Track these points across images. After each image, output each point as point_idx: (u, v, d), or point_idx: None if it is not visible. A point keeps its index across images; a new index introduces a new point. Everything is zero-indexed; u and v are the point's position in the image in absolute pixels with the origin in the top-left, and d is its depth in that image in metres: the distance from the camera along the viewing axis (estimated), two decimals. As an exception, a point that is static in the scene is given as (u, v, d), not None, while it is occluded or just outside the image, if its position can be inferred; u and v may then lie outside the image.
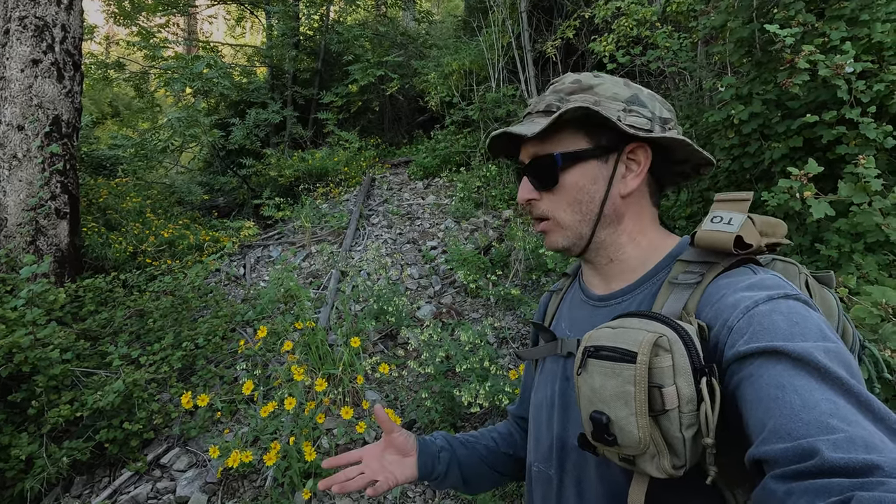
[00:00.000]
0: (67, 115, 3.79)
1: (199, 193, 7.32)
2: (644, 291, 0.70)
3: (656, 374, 0.53)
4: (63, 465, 2.25)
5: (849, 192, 1.54)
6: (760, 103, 2.23)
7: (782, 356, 0.49)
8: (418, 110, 9.03)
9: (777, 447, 0.45)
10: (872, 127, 1.78)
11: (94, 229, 4.35)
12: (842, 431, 0.43)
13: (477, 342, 2.65)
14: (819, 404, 0.45)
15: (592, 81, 0.71)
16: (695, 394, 0.52)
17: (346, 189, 6.54)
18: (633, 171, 0.71)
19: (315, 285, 4.15)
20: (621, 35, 3.89)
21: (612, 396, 0.55)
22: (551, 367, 0.80)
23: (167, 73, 6.68)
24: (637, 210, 0.73)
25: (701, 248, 0.64)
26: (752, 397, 0.49)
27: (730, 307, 0.57)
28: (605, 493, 0.67)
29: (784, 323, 0.52)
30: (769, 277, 0.60)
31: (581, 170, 0.71)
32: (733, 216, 0.62)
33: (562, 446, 0.74)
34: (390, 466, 0.86)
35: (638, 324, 0.58)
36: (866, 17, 1.89)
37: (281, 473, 2.21)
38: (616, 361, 0.56)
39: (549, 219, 0.74)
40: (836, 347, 0.50)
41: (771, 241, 0.65)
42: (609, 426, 0.55)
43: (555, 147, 0.72)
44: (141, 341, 3.09)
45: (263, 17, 9.15)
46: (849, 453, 0.41)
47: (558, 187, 0.72)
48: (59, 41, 3.76)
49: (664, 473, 0.54)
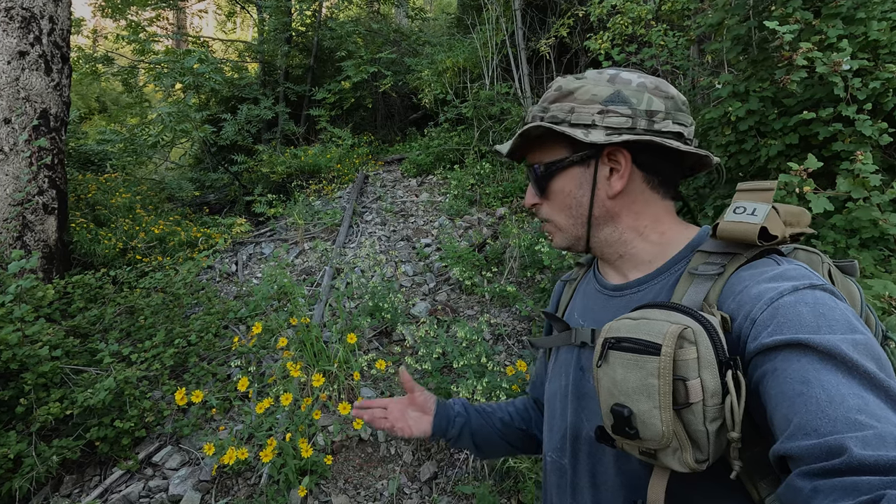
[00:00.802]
0: (55, 108, 3.71)
1: (189, 190, 7.22)
2: (662, 282, 0.69)
3: (681, 366, 0.52)
4: (52, 463, 2.20)
5: (848, 186, 1.55)
6: (757, 100, 2.25)
7: (808, 349, 0.48)
8: (411, 107, 9.00)
9: (803, 444, 0.44)
10: (868, 124, 1.80)
11: (82, 225, 4.27)
12: (871, 428, 0.41)
13: (474, 338, 2.65)
14: (846, 399, 0.44)
15: (573, 86, 0.71)
16: (720, 387, 0.51)
17: (339, 186, 6.50)
18: (618, 172, 0.70)
19: (309, 282, 4.12)
20: (616, 33, 3.90)
21: (634, 389, 0.54)
22: (565, 356, 0.79)
23: (157, 67, 6.58)
24: (635, 208, 0.72)
25: (723, 239, 0.63)
26: (777, 392, 0.48)
27: (753, 299, 0.55)
28: (622, 485, 0.66)
29: (810, 314, 0.51)
30: (794, 268, 0.58)
31: (566, 177, 0.73)
32: (757, 206, 0.60)
33: (575, 436, 0.73)
34: (410, 420, 0.95)
35: (661, 315, 0.56)
36: (862, 15, 1.91)
37: (276, 471, 2.19)
38: (639, 353, 0.54)
39: (550, 222, 0.78)
40: (865, 339, 0.48)
41: (796, 231, 0.63)
42: (631, 419, 0.54)
43: (541, 157, 0.76)
44: (132, 338, 3.04)
45: (255, 12, 9.06)
46: (878, 451, 0.40)
47: (550, 194, 0.76)
48: (46, 33, 3.68)
49: (686, 468, 0.53)
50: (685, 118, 0.70)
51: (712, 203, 2.53)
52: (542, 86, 6.61)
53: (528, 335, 3.29)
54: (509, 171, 5.86)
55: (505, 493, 2.23)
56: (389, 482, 2.36)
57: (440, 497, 2.29)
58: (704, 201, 2.64)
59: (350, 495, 2.32)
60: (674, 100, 0.70)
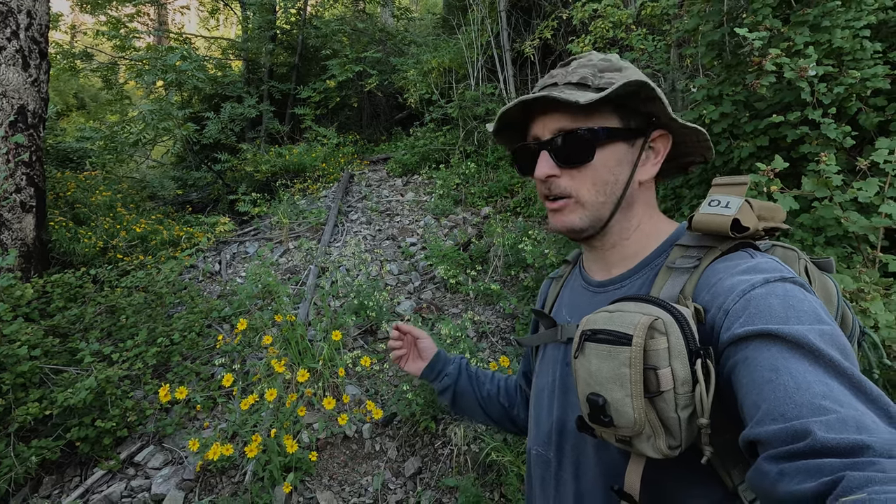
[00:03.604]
0: (33, 104, 3.65)
1: (172, 188, 7.13)
2: (642, 277, 0.71)
3: (651, 356, 0.54)
4: (31, 464, 2.18)
5: (812, 186, 1.63)
6: (730, 104, 2.33)
7: (777, 339, 0.50)
8: (397, 107, 9.00)
9: (770, 428, 0.45)
10: (833, 127, 1.88)
11: (61, 223, 4.20)
12: (834, 412, 0.43)
13: (458, 335, 2.68)
14: (812, 386, 0.46)
15: (621, 64, 0.71)
16: (690, 375, 0.53)
17: (324, 185, 6.48)
18: (652, 159, 0.72)
19: (293, 281, 4.11)
20: (598, 36, 3.98)
21: (607, 378, 0.56)
22: (552, 353, 0.81)
23: (138, 64, 6.49)
24: (647, 198, 0.74)
25: (698, 231, 0.65)
26: (747, 380, 0.50)
27: (726, 290, 0.57)
28: (602, 474, 0.68)
29: (779, 306, 0.53)
30: (766, 261, 0.60)
31: (612, 150, 0.69)
32: (731, 200, 0.62)
33: (561, 429, 0.75)
34: (410, 357, 1.12)
35: (634, 307, 0.58)
36: (828, 23, 1.99)
37: (261, 468, 2.19)
38: (612, 344, 0.56)
39: (570, 196, 0.71)
40: (831, 330, 0.51)
41: (769, 226, 0.65)
42: (605, 407, 0.56)
43: (591, 122, 0.68)
44: (113, 338, 3.00)
45: (238, 9, 8.97)
46: (840, 434, 0.41)
47: (588, 165, 0.69)
48: (24, 28, 3.62)
49: (660, 453, 0.55)
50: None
51: (688, 203, 2.61)
52: (526, 87, 6.67)
53: (511, 333, 3.34)
54: (494, 171, 5.92)
55: (488, 486, 2.27)
56: (374, 478, 2.39)
57: (424, 491, 2.32)
58: (682, 201, 2.72)
59: (335, 491, 2.34)
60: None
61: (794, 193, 1.67)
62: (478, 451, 2.39)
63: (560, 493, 0.74)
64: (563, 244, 3.56)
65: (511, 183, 5.42)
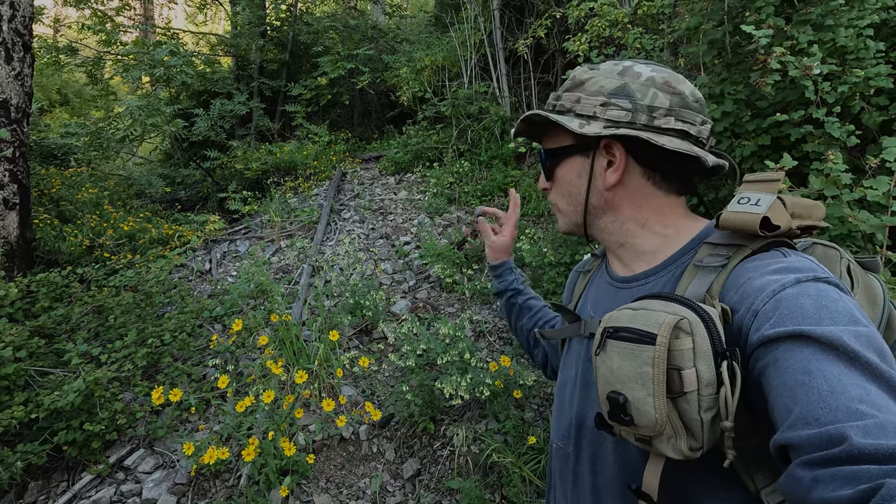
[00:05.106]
0: (17, 99, 3.54)
1: (160, 186, 6.99)
2: (668, 274, 0.69)
3: (676, 356, 0.53)
4: (17, 469, 2.10)
5: (820, 185, 1.62)
6: (732, 102, 2.32)
7: (809, 340, 0.48)
8: (389, 105, 8.93)
9: (804, 433, 0.44)
10: (837, 126, 1.88)
11: (46, 221, 4.08)
12: (871, 417, 0.41)
13: (456, 335, 2.65)
14: (848, 389, 0.44)
15: (585, 76, 0.74)
16: (715, 377, 0.52)
17: (315, 183, 6.39)
18: (614, 164, 0.72)
19: (286, 280, 4.04)
20: (594, 35, 3.96)
21: (629, 377, 0.55)
22: (576, 348, 0.81)
23: (125, 59, 6.34)
24: (636, 200, 0.73)
25: (726, 229, 0.63)
26: (778, 382, 0.49)
27: (756, 290, 0.55)
28: (620, 472, 0.67)
29: (812, 306, 0.50)
30: (799, 260, 0.58)
31: (568, 164, 0.76)
32: (761, 197, 0.60)
33: (580, 424, 0.75)
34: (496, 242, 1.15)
35: (659, 306, 0.57)
36: (831, 22, 2.00)
37: (257, 471, 2.14)
38: (635, 343, 0.55)
39: (555, 205, 0.82)
40: (868, 331, 0.48)
41: (805, 224, 0.61)
42: (626, 406, 0.55)
43: (548, 143, 0.79)
44: (101, 339, 2.92)
45: (227, 4, 8.83)
46: (878, 439, 0.39)
47: (555, 179, 0.80)
48: (6, 20, 3.50)
49: (680, 455, 0.54)
50: (693, 116, 0.69)
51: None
52: (519, 85, 6.66)
53: (509, 332, 3.32)
54: (488, 169, 5.89)
55: (489, 488, 2.24)
56: (372, 480, 2.34)
57: (425, 493, 2.28)
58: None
59: (332, 494, 2.29)
60: (681, 96, 0.69)
61: (801, 192, 1.66)
62: (478, 452, 2.36)
63: (578, 487, 0.74)
64: (560, 243, 3.54)
65: (505, 182, 5.40)
